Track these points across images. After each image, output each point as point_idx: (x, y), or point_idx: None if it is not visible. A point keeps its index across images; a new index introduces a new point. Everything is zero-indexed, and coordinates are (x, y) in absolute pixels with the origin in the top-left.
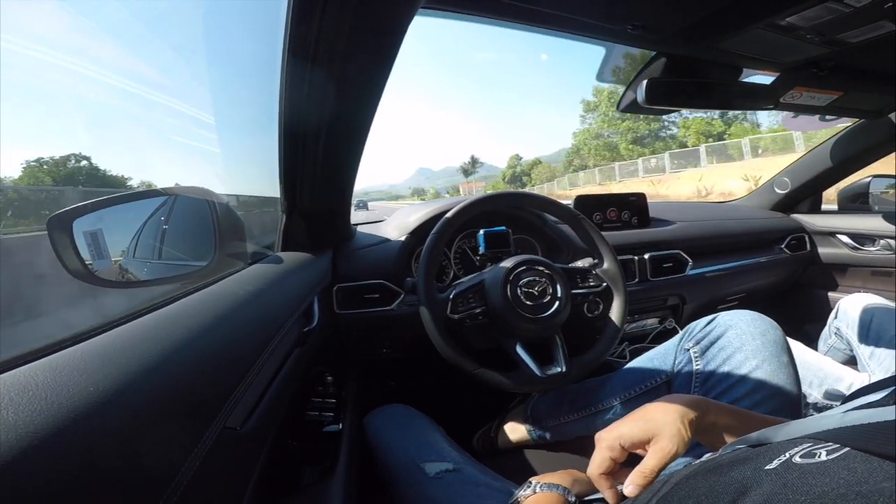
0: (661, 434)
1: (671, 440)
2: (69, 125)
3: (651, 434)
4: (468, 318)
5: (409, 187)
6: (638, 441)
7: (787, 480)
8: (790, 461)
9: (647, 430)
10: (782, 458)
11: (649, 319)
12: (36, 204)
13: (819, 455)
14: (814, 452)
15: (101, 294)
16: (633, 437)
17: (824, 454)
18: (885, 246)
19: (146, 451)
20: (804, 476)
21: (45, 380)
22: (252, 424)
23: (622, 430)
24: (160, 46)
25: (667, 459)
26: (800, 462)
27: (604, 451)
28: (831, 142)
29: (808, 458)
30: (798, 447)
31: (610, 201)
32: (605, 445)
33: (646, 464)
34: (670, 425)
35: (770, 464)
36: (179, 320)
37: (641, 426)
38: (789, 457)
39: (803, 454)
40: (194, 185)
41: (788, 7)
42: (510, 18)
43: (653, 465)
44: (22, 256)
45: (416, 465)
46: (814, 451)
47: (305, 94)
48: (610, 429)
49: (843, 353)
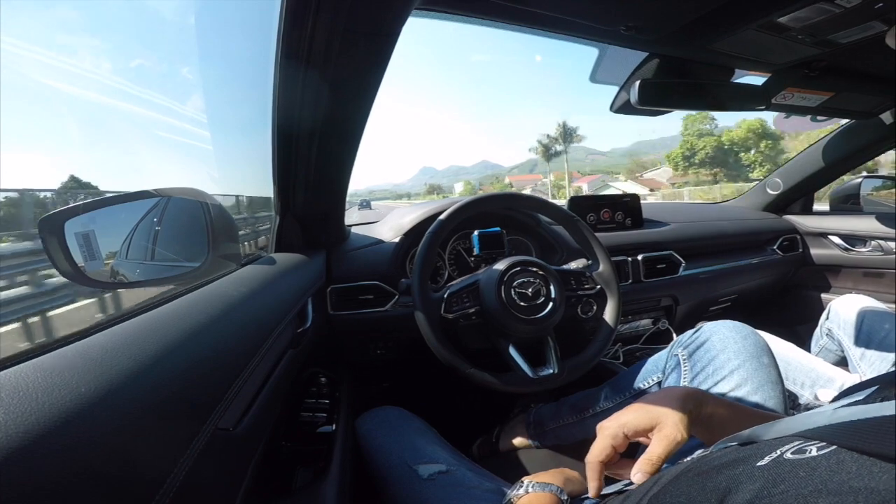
0: (664, 422)
1: (675, 427)
2: (63, 126)
3: (654, 422)
4: (462, 318)
5: (425, 184)
6: (641, 429)
7: (778, 475)
8: (781, 457)
9: (651, 418)
10: (773, 455)
11: (643, 320)
12: None
13: (810, 451)
14: (805, 449)
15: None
16: (636, 425)
17: (815, 450)
18: (877, 247)
19: (138, 452)
20: (794, 470)
21: (35, 381)
22: (245, 425)
23: (625, 418)
24: (154, 48)
25: (672, 447)
26: (791, 458)
27: (606, 439)
28: (822, 143)
29: (799, 454)
30: (789, 444)
31: (604, 202)
32: (607, 433)
33: (652, 451)
34: (673, 413)
35: (761, 461)
36: (172, 321)
37: (644, 415)
38: (780, 453)
39: (794, 451)
40: (187, 187)
41: (780, 8)
42: (504, 19)
43: (659, 452)
44: None
45: (409, 467)
46: (805, 448)
47: (299, 96)
48: (612, 418)
49: (835, 354)
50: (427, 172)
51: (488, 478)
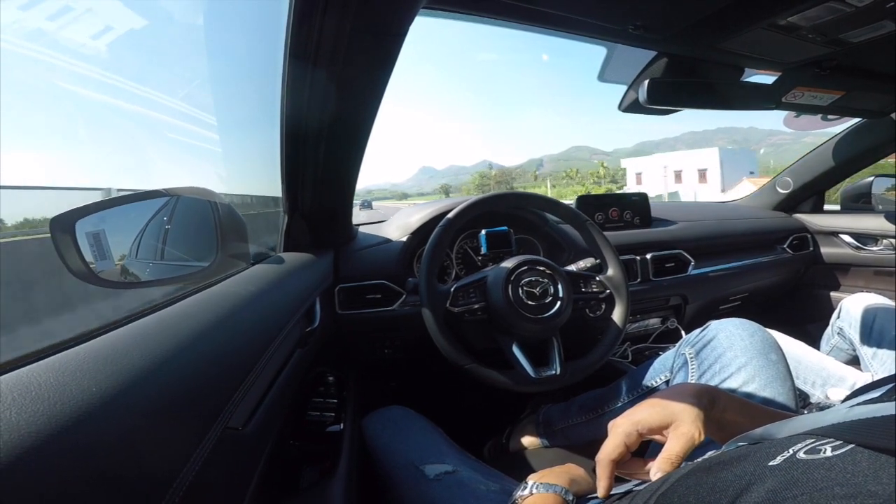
0: (681, 419)
1: (693, 424)
2: (70, 125)
3: (670, 419)
4: (467, 313)
5: (440, 184)
6: (656, 426)
7: (792, 476)
8: (794, 457)
9: (666, 415)
10: (786, 455)
11: (651, 319)
12: None
13: (824, 451)
14: (818, 448)
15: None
16: (651, 422)
17: (829, 450)
18: (888, 246)
19: (148, 451)
20: (809, 471)
21: (47, 380)
22: (254, 425)
23: (640, 415)
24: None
25: (690, 444)
26: (804, 458)
27: (619, 437)
28: (833, 141)
29: (813, 454)
30: (802, 443)
31: (612, 201)
32: (620, 431)
33: (671, 450)
34: (689, 410)
35: (773, 460)
36: (181, 321)
37: (659, 412)
38: (793, 453)
39: (808, 450)
40: (196, 186)
41: (790, 7)
42: (512, 18)
43: (678, 450)
44: None
45: (416, 468)
46: (818, 447)
47: (307, 96)
48: (625, 415)
49: (846, 353)
50: (427, 172)
51: (495, 478)
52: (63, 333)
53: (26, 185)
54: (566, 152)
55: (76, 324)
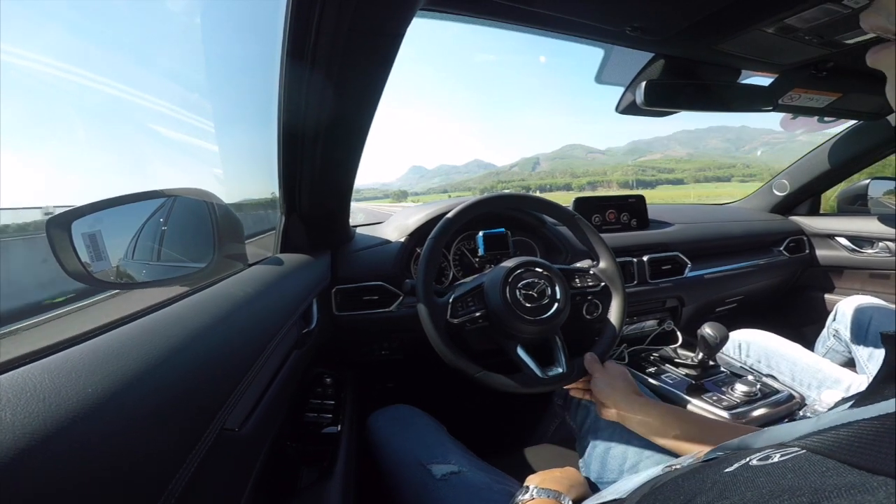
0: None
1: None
2: (69, 128)
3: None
4: (468, 322)
5: (431, 184)
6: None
7: (737, 482)
8: (748, 464)
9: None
10: (741, 462)
11: (648, 321)
12: None
13: (773, 458)
14: (770, 455)
15: None
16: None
17: (777, 456)
18: (884, 248)
19: (144, 452)
20: (754, 477)
21: (42, 381)
22: (251, 426)
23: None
24: (158, 48)
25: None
26: (756, 465)
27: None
28: (829, 144)
29: (764, 460)
30: (761, 452)
31: (609, 203)
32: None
33: None
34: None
35: (730, 467)
36: (178, 322)
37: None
38: (748, 460)
39: (760, 458)
40: (193, 187)
41: (787, 9)
42: (509, 20)
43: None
44: None
45: (423, 467)
46: (771, 455)
47: (304, 96)
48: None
49: (842, 356)
50: (417, 171)
51: (498, 479)
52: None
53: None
54: (560, 150)
55: None
